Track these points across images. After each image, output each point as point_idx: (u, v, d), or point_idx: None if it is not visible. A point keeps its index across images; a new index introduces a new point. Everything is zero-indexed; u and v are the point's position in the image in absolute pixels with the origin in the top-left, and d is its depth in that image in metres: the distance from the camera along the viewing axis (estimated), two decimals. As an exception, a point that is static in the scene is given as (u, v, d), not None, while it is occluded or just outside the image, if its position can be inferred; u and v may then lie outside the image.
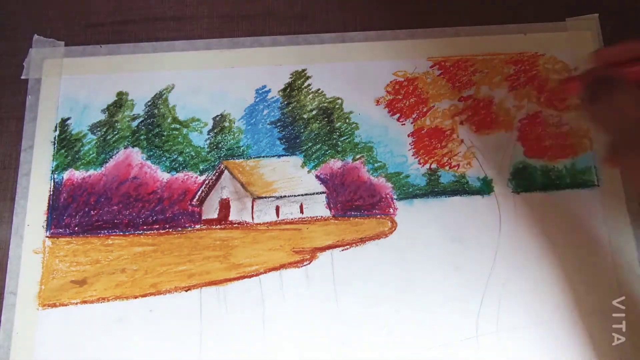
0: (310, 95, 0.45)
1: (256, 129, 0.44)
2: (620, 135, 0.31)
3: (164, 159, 0.43)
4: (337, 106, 0.44)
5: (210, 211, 0.42)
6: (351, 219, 0.42)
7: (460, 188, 0.42)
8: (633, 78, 0.33)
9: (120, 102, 0.44)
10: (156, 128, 0.44)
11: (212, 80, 0.45)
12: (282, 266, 0.40)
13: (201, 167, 0.43)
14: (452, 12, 0.47)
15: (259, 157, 0.43)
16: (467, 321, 0.39)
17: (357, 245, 0.41)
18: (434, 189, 0.42)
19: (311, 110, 0.44)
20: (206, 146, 0.44)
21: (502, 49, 0.46)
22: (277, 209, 0.42)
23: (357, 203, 0.42)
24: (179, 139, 0.44)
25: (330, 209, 0.42)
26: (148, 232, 0.41)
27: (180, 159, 0.43)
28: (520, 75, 0.45)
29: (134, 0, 0.48)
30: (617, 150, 0.33)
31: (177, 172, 0.43)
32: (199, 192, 0.42)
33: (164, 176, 0.43)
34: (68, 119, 0.44)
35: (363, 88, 0.45)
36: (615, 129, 0.32)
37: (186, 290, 0.40)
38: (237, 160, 0.43)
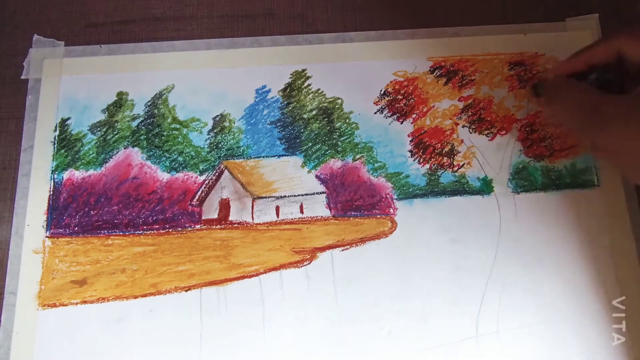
0: (310, 95, 0.45)
1: (256, 129, 0.44)
2: (576, 126, 0.37)
3: (164, 159, 0.43)
4: (337, 106, 0.44)
5: (210, 211, 0.42)
6: (351, 219, 0.42)
7: (460, 188, 0.42)
8: (569, 72, 0.39)
9: (120, 102, 0.44)
10: (156, 128, 0.44)
11: (212, 80, 0.45)
12: (282, 266, 0.40)
13: (201, 167, 0.43)
14: (452, 12, 0.47)
15: (259, 157, 0.43)
16: (467, 321, 0.39)
17: (357, 245, 0.41)
18: (434, 189, 0.42)
19: (311, 110, 0.44)
20: (206, 146, 0.44)
21: (502, 49, 0.45)
22: (277, 209, 0.42)
23: (357, 203, 0.42)
24: (179, 139, 0.44)
25: (330, 209, 0.42)
26: (148, 232, 0.41)
27: (180, 159, 0.43)
28: (520, 75, 0.45)
29: (134, 0, 0.48)
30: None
31: (177, 172, 0.43)
32: (199, 192, 0.42)
33: (164, 176, 0.43)
34: (68, 119, 0.44)
35: (363, 88, 0.45)
36: (572, 121, 0.37)
37: (186, 290, 0.40)
38: (237, 160, 0.43)
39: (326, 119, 0.44)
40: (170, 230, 0.41)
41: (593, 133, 0.34)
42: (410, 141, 0.44)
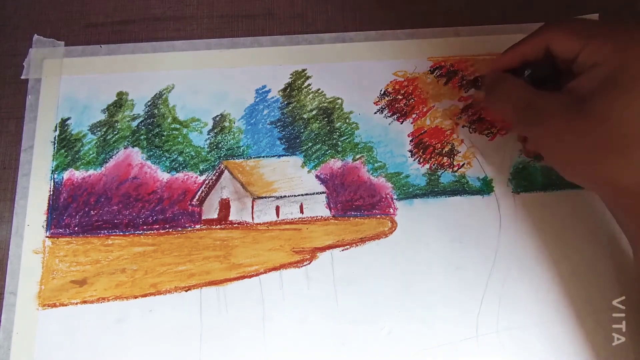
0: (310, 95, 0.45)
1: (256, 129, 0.44)
2: (512, 117, 0.36)
3: (164, 159, 0.43)
4: (337, 106, 0.44)
5: (210, 211, 0.42)
6: (351, 219, 0.42)
7: (460, 188, 0.42)
8: (505, 66, 0.39)
9: (120, 102, 0.44)
10: (156, 128, 0.44)
11: (212, 80, 0.45)
12: (282, 266, 0.40)
13: (201, 167, 0.43)
14: (452, 12, 0.47)
15: (259, 157, 0.43)
16: (467, 321, 0.39)
17: (357, 245, 0.41)
18: (434, 189, 0.42)
19: (311, 110, 0.44)
20: (206, 146, 0.44)
21: (502, 49, 0.45)
22: (277, 209, 0.42)
23: (357, 203, 0.42)
24: (179, 139, 0.44)
25: (330, 209, 0.42)
26: (148, 232, 0.41)
27: (180, 159, 0.43)
28: (520, 75, 0.45)
29: (134, 0, 0.48)
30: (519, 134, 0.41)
31: (177, 172, 0.43)
32: (199, 192, 0.42)
33: (164, 176, 0.43)
34: (68, 119, 0.44)
35: (363, 88, 0.45)
36: (508, 116, 0.36)
37: (186, 290, 0.40)
38: (237, 160, 0.43)
39: (326, 119, 0.44)
40: (170, 230, 0.41)
41: (527, 129, 0.35)
42: (410, 141, 0.44)
